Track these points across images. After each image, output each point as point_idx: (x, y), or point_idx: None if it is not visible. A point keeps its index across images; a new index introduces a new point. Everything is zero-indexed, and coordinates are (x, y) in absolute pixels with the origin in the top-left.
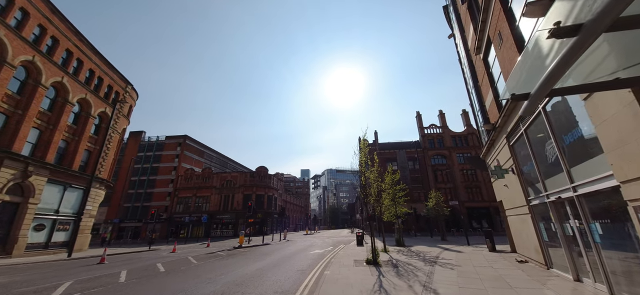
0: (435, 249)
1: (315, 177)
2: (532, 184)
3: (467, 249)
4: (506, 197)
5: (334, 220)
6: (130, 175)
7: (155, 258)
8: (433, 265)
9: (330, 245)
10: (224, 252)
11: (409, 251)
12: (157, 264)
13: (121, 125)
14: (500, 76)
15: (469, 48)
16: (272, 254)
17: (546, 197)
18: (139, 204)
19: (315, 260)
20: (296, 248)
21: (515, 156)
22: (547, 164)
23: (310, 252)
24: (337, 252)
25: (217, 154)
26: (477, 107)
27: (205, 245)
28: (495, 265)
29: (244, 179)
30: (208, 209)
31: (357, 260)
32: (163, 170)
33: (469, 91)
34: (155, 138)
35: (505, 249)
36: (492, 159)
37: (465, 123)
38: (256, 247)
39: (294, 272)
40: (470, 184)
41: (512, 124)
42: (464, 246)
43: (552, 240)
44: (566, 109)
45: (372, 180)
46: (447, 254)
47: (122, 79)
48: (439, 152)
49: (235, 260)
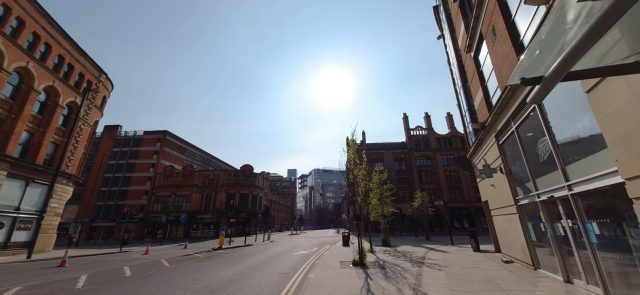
0: (421, 249)
1: (302, 177)
2: (521, 184)
3: (452, 249)
4: (492, 197)
5: (320, 221)
6: (103, 172)
7: (124, 261)
8: (421, 266)
9: (316, 246)
10: (201, 254)
11: (395, 251)
12: (124, 268)
13: (93, 117)
14: (491, 74)
15: (459, 47)
16: (254, 255)
17: (536, 197)
18: (113, 202)
19: (299, 262)
20: (280, 249)
21: (504, 155)
22: (538, 162)
23: (295, 253)
24: (323, 253)
25: (200, 151)
26: (465, 108)
27: (182, 246)
28: (482, 266)
29: (228, 178)
30: (188, 209)
31: (343, 262)
32: (140, 167)
33: (457, 92)
34: (132, 133)
35: (489, 249)
36: (478, 159)
37: (449, 126)
38: (237, 249)
39: (276, 275)
40: (453, 185)
41: (503, 122)
42: (448, 246)
43: (540, 241)
44: (562, 105)
45: (360, 178)
46: (433, 254)
47: (96, 68)
48: (424, 154)
49: (212, 263)
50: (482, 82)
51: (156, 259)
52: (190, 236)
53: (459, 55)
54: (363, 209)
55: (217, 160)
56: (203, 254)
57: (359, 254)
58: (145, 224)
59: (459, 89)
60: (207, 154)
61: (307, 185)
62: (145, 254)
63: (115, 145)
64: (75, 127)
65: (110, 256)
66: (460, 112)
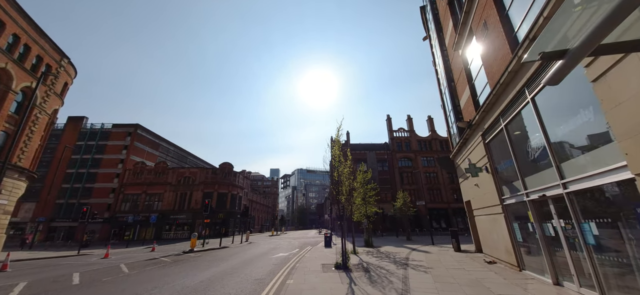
0: (403, 249)
1: (284, 177)
2: (507, 183)
3: (434, 249)
4: (475, 197)
5: (302, 221)
6: (64, 167)
7: (77, 266)
8: (405, 268)
9: (297, 247)
10: (168, 258)
11: (378, 252)
12: (74, 274)
13: (52, 105)
14: (479, 71)
15: (446, 46)
16: (228, 259)
17: (525, 196)
18: (75, 200)
19: (278, 266)
20: (258, 251)
21: (490, 154)
22: (528, 161)
23: (274, 255)
24: (304, 255)
25: (176, 148)
26: (450, 107)
27: (150, 249)
28: (467, 267)
29: (205, 176)
30: (160, 209)
31: (325, 265)
32: (107, 163)
33: (442, 92)
34: (99, 125)
35: (470, 249)
36: (463, 158)
37: (429, 128)
38: (211, 252)
39: (250, 282)
40: (432, 186)
41: (491, 120)
42: (429, 246)
43: (526, 241)
44: (559, 100)
45: (344, 177)
46: (417, 255)
47: (56, 50)
48: (405, 155)
49: (179, 269)
50: (469, 81)
51: (115, 264)
52: (161, 238)
53: (445, 55)
54: (346, 209)
55: (195, 157)
56: (171, 257)
57: (343, 256)
58: (111, 225)
59: (444, 89)
60: (183, 150)
61: (289, 185)
62: (105, 257)
63: (79, 139)
64: (30, 116)
65: (64, 260)
66: (444, 113)
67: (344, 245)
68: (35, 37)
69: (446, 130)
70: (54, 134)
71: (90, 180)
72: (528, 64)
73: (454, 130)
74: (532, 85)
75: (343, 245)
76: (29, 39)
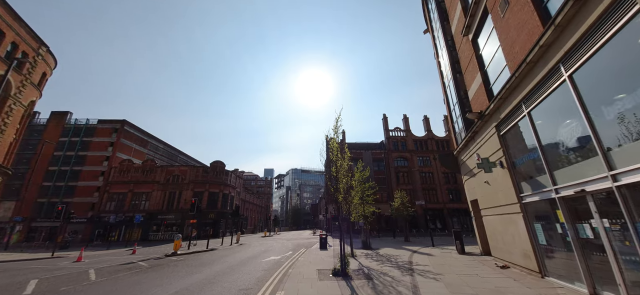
0: (404, 251)
1: (279, 177)
2: (527, 178)
3: (435, 251)
4: (484, 196)
5: (296, 221)
6: (46, 164)
7: (41, 271)
8: (411, 274)
9: (290, 250)
10: (147, 262)
11: (377, 255)
12: (31, 282)
13: (28, 96)
14: (494, 56)
15: (451, 36)
16: (214, 263)
17: (553, 192)
18: (58, 199)
19: (268, 272)
20: (248, 254)
21: (506, 147)
22: (558, 152)
23: (265, 259)
24: (297, 259)
25: (165, 145)
26: (455, 101)
27: (130, 251)
28: (480, 272)
29: (195, 175)
30: (148, 208)
31: (321, 271)
32: (92, 160)
33: (446, 85)
34: (84, 121)
35: (474, 251)
36: (469, 154)
37: (425, 128)
38: (196, 255)
39: (234, 293)
40: (428, 187)
41: (509, 107)
42: (429, 248)
43: (551, 244)
44: (607, 73)
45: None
46: (420, 258)
47: (34, 38)
48: (401, 155)
49: (155, 275)
50: (481, 68)
51: (84, 270)
52: (148, 239)
53: (449, 45)
54: (343, 208)
55: (186, 156)
56: (150, 261)
57: (341, 260)
58: (94, 225)
59: (448, 81)
60: (173, 148)
61: (283, 185)
62: (77, 261)
63: (63, 135)
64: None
65: (33, 263)
66: (447, 107)
67: (342, 249)
68: (10, 22)
69: (449, 126)
70: (37, 130)
71: (74, 178)
72: (567, 34)
73: (459, 124)
74: (571, 60)
75: (341, 248)
76: (2, 24)
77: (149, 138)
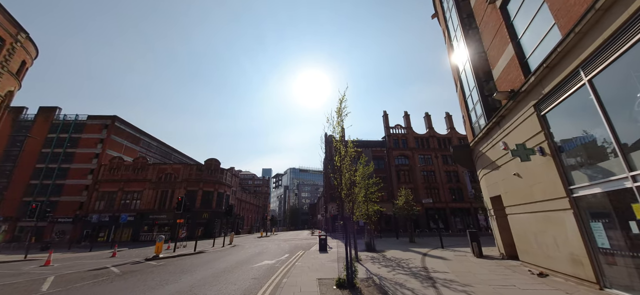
0: (412, 254)
1: (277, 176)
2: (582, 166)
3: (448, 254)
4: (511, 191)
5: (294, 221)
6: (34, 162)
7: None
8: (434, 285)
9: (286, 252)
10: (120, 268)
11: (384, 259)
12: None
13: (5, 86)
14: (534, 18)
15: (470, 9)
16: (196, 269)
17: (630, 180)
18: (45, 198)
19: (259, 281)
20: (238, 257)
21: (548, 130)
22: (638, 127)
23: (257, 263)
24: (294, 264)
25: (158, 143)
26: (472, 85)
27: (110, 254)
28: (517, 283)
29: (189, 173)
30: (139, 207)
31: (322, 280)
32: (81, 158)
33: (460, 71)
34: (73, 117)
35: (491, 254)
36: (489, 145)
37: (427, 125)
38: (180, 258)
39: None
40: (429, 185)
41: (557, 80)
42: (439, 249)
43: (617, 248)
44: None
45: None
46: (434, 263)
47: (13, 23)
48: (402, 153)
49: (122, 286)
50: (512, 39)
51: (43, 277)
52: (139, 240)
53: (465, 23)
54: (346, 206)
55: (181, 154)
56: (126, 266)
57: (348, 269)
58: (83, 225)
59: (464, 64)
60: (167, 147)
61: (281, 185)
62: (46, 265)
63: (51, 131)
64: None
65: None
66: (462, 94)
67: (348, 255)
68: None
69: (463, 116)
70: (24, 126)
71: (62, 176)
72: None
73: (477, 112)
74: None
75: (348, 255)
76: None
77: (142, 135)
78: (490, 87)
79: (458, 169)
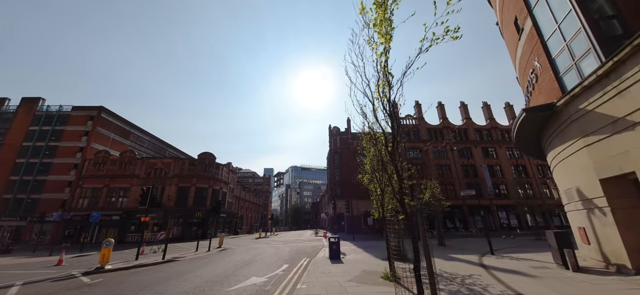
0: (465, 266)
1: (278, 175)
2: None
3: (517, 265)
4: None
5: (296, 221)
6: (14, 156)
7: None
8: None
9: (285, 261)
10: (29, 289)
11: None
12: None
13: None
14: None
15: None
16: (148, 288)
17: None
18: (25, 195)
19: None
20: (219, 269)
21: None
22: None
23: (239, 283)
24: (295, 285)
25: (151, 137)
26: (570, 5)
27: (56, 260)
28: None
29: (180, 168)
30: (126, 205)
31: None
32: (64, 151)
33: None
34: (57, 108)
35: (590, 266)
36: (599, 98)
37: (440, 116)
38: (133, 272)
39: None
40: (445, 181)
41: None
42: (488, 256)
43: None
44: None
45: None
46: (519, 282)
47: None
48: (414, 145)
49: None
50: None
51: None
52: (124, 241)
53: None
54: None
55: (175, 149)
56: (44, 285)
57: None
58: (66, 224)
59: None
60: (161, 141)
61: (283, 184)
62: None
63: (33, 123)
64: None
65: None
66: (532, 38)
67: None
68: None
69: (538, 69)
70: (5, 118)
71: (44, 172)
72: None
73: (576, 49)
74: None
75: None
76: None
77: (132, 128)
78: (599, 7)
79: (475, 162)
